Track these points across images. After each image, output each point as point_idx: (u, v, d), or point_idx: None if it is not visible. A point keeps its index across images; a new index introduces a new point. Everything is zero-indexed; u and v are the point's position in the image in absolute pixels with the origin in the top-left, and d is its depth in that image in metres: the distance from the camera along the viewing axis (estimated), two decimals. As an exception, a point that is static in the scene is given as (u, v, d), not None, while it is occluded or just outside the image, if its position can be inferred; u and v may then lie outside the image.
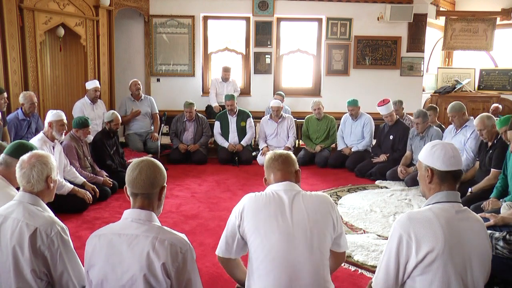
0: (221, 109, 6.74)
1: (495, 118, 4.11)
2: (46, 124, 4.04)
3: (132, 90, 6.37)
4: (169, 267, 1.57)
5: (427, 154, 1.76)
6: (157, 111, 6.57)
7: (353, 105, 5.99)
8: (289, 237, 1.75)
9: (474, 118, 4.24)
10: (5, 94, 4.57)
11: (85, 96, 5.71)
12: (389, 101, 5.59)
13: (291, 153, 2.05)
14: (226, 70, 6.94)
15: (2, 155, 2.37)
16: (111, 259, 1.61)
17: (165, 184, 1.75)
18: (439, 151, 1.72)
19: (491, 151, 4.01)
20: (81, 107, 5.59)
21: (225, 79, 6.96)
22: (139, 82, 6.42)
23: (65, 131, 4.13)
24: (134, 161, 1.74)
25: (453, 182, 1.71)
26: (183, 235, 1.68)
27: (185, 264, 1.61)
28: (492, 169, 3.90)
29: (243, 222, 1.81)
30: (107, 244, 1.62)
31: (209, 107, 7.03)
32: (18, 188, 2.02)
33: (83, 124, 4.44)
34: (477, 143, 4.47)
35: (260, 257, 1.76)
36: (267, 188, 1.94)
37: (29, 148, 2.32)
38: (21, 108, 4.71)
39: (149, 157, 1.78)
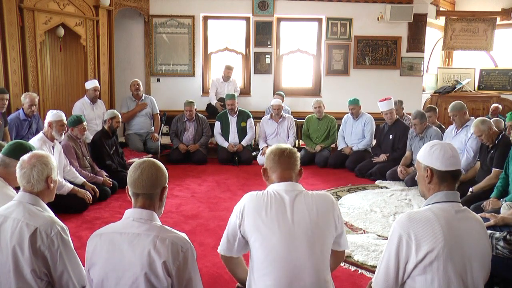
0: (221, 104, 6.71)
1: (491, 120, 4.10)
2: (45, 124, 4.04)
3: (131, 90, 6.38)
4: (170, 265, 1.57)
5: (426, 154, 1.75)
6: (158, 111, 6.57)
7: (354, 104, 6.00)
8: (290, 238, 1.74)
9: (475, 118, 4.25)
10: (7, 96, 4.58)
11: (85, 96, 5.72)
12: (391, 99, 5.62)
13: (295, 149, 1.99)
14: (229, 68, 6.93)
15: (0, 155, 2.36)
16: (112, 257, 1.61)
17: (166, 184, 1.76)
18: (438, 151, 1.71)
19: (492, 151, 4.01)
20: (80, 107, 5.59)
21: (227, 77, 6.96)
22: (139, 82, 6.42)
23: (65, 131, 4.13)
24: (136, 161, 1.75)
25: (452, 182, 1.71)
26: (184, 234, 1.68)
27: (186, 263, 1.61)
28: (493, 169, 3.90)
29: (244, 221, 1.80)
30: (108, 243, 1.63)
31: (209, 106, 7.02)
32: (18, 188, 2.02)
33: (76, 121, 4.42)
34: (478, 143, 4.47)
35: (260, 257, 1.75)
36: (269, 187, 1.90)
37: (27, 148, 2.31)
38: (22, 109, 4.73)
39: (150, 158, 1.79)
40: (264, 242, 1.75)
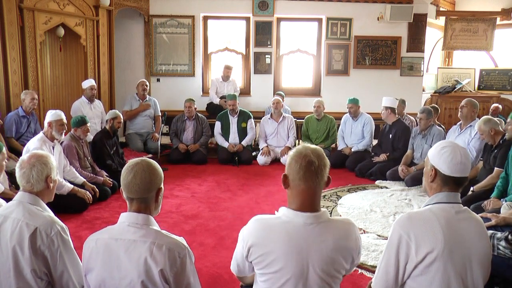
0: (225, 101, 6.69)
1: (497, 119, 4.11)
2: (45, 124, 4.04)
3: (138, 90, 6.40)
4: (167, 273, 1.55)
5: (435, 154, 1.71)
6: (160, 113, 6.59)
7: (353, 103, 6.01)
8: (300, 278, 1.55)
9: (479, 119, 4.27)
10: None
11: (82, 96, 5.71)
12: (394, 99, 5.66)
13: (324, 157, 1.62)
14: (228, 68, 6.94)
15: None
16: (108, 264, 1.59)
17: (161, 185, 1.71)
18: (447, 154, 1.67)
19: (496, 150, 4.02)
20: (79, 106, 5.59)
21: (226, 77, 6.96)
22: (147, 83, 6.46)
23: (65, 131, 4.12)
24: (129, 162, 1.68)
25: (455, 187, 1.69)
26: (181, 239, 1.66)
27: (183, 269, 1.59)
28: (495, 168, 3.92)
29: (251, 255, 1.61)
30: (104, 249, 1.60)
31: (210, 105, 7.00)
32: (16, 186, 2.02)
33: (81, 122, 4.44)
34: (481, 143, 4.51)
35: None
36: (283, 215, 1.61)
37: None
38: (21, 106, 4.75)
39: (144, 158, 1.71)
40: (271, 280, 1.58)
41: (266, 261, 1.57)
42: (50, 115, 4.02)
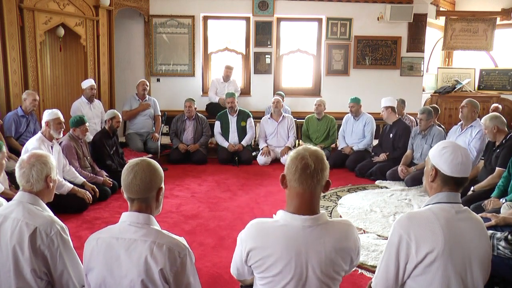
0: (224, 102, 6.70)
1: (504, 119, 4.09)
2: (43, 124, 4.04)
3: (138, 90, 6.40)
4: (167, 272, 1.55)
5: (436, 154, 1.71)
6: (159, 113, 6.59)
7: (354, 102, 6.03)
8: (299, 282, 1.55)
9: (480, 119, 4.27)
10: None
11: (82, 96, 5.71)
12: (393, 98, 5.65)
13: (323, 160, 1.60)
14: (229, 68, 6.93)
15: None
16: (109, 263, 1.59)
17: (162, 185, 1.71)
18: (448, 154, 1.67)
19: (498, 150, 4.01)
20: (78, 106, 5.59)
21: (227, 77, 6.95)
22: (147, 83, 6.46)
23: (63, 129, 4.12)
24: (129, 163, 1.68)
25: (455, 187, 1.69)
26: (181, 239, 1.66)
27: (183, 269, 1.59)
28: (497, 168, 3.91)
29: (250, 260, 1.61)
30: (105, 248, 1.60)
31: (210, 105, 7.00)
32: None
33: (79, 122, 4.43)
34: (482, 143, 4.50)
35: None
36: (281, 218, 1.60)
37: None
38: (21, 106, 4.76)
39: (144, 158, 1.71)
40: (271, 283, 1.58)
41: (265, 264, 1.56)
42: (47, 115, 4.02)
